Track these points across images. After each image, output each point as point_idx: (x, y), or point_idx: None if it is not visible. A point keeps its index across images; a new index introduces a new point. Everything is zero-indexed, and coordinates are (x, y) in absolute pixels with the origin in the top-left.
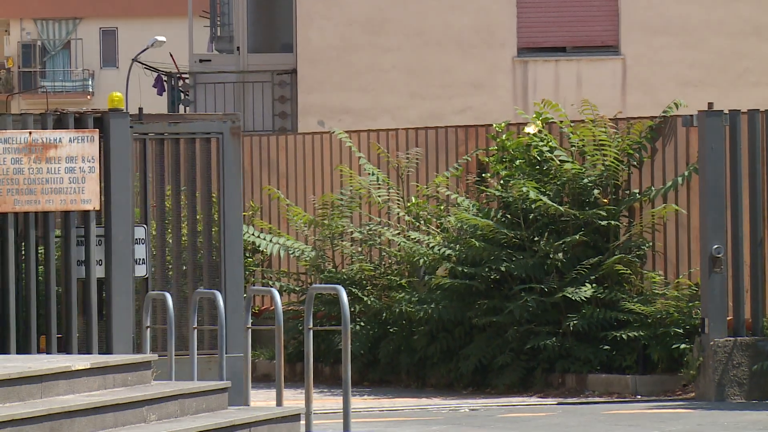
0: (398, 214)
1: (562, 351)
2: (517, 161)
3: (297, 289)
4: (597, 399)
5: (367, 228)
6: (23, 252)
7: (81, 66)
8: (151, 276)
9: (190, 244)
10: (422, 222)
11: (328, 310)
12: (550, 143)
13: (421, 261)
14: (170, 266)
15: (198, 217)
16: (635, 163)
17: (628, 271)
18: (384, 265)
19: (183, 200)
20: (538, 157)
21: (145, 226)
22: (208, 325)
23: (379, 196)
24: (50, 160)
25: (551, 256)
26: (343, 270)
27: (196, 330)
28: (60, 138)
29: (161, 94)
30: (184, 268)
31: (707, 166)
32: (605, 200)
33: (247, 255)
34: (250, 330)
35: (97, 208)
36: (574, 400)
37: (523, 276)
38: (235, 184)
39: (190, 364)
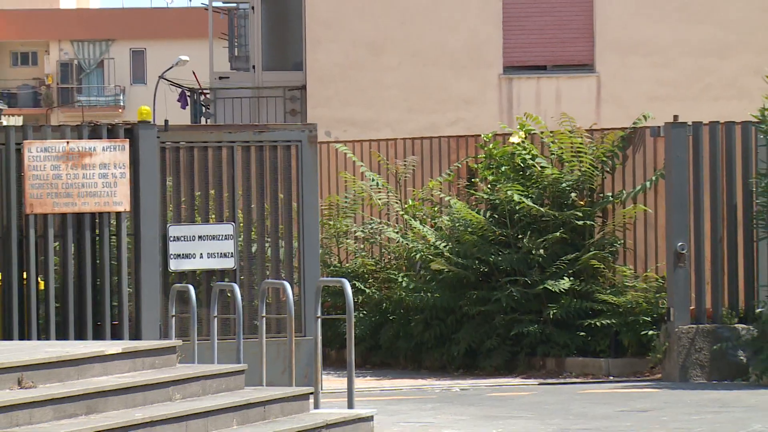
0: (397, 213)
1: (543, 337)
2: (503, 168)
3: None
4: (574, 380)
5: (369, 227)
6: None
7: (113, 82)
8: (239, 269)
9: (272, 239)
10: (418, 222)
11: (334, 301)
12: (533, 152)
13: (418, 256)
14: (256, 259)
15: (279, 215)
16: (608, 169)
17: (602, 266)
18: (384, 260)
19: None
20: (522, 164)
21: (233, 223)
22: (275, 313)
23: (379, 199)
24: (85, 167)
25: (533, 252)
26: (347, 264)
27: (216, 318)
28: (94, 147)
29: (185, 108)
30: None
31: (672, 172)
32: (582, 202)
33: None
34: (264, 319)
35: (128, 209)
36: (554, 380)
37: (509, 269)
38: (313, 187)
39: (211, 348)
